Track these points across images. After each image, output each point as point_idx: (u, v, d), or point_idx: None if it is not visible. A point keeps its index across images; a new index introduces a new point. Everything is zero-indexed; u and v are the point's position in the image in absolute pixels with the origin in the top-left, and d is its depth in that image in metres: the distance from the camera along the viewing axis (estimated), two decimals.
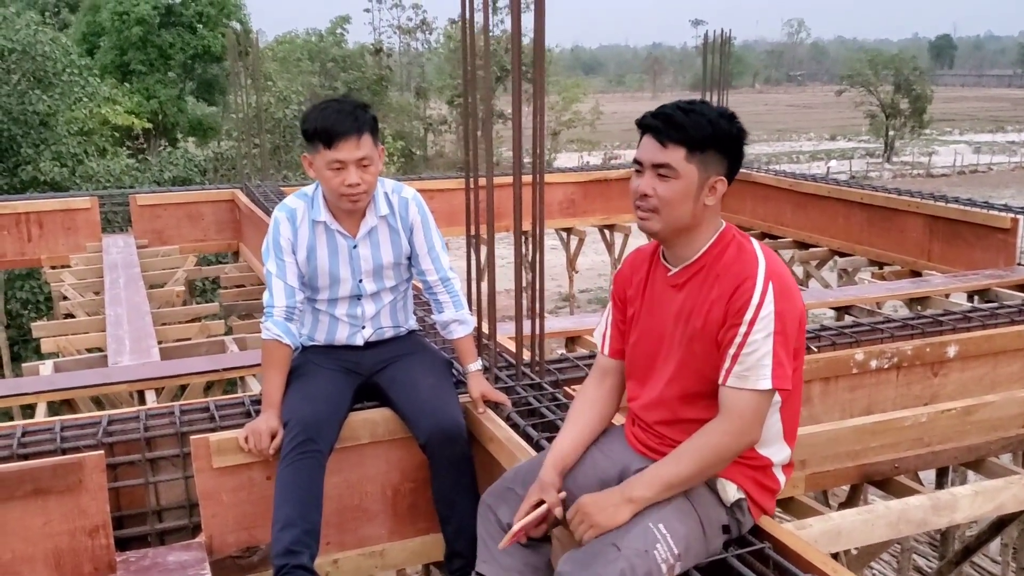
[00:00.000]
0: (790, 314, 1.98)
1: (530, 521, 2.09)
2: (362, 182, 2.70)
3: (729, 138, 2.04)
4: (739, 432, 1.98)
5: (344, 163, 2.66)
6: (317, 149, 2.68)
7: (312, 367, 2.87)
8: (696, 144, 2.01)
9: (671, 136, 2.02)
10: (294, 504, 2.57)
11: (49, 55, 14.47)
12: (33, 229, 7.90)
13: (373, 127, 2.73)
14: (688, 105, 2.05)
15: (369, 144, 2.70)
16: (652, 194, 2.04)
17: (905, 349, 3.88)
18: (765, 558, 2.10)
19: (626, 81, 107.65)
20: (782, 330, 1.96)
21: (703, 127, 2.01)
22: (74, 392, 4.00)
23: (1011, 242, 6.15)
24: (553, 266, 13.98)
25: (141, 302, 5.77)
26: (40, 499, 2.50)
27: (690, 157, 2.01)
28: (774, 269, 2.01)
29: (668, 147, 2.02)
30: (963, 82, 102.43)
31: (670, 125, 2.02)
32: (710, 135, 2.01)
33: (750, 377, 1.96)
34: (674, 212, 2.04)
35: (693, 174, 2.02)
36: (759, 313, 1.95)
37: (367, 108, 2.75)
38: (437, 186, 8.57)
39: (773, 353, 1.95)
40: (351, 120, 2.65)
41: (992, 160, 40.93)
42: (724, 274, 2.03)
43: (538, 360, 3.33)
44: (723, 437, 1.99)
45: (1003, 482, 3.18)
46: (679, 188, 2.02)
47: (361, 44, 30.41)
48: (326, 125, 2.64)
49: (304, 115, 2.76)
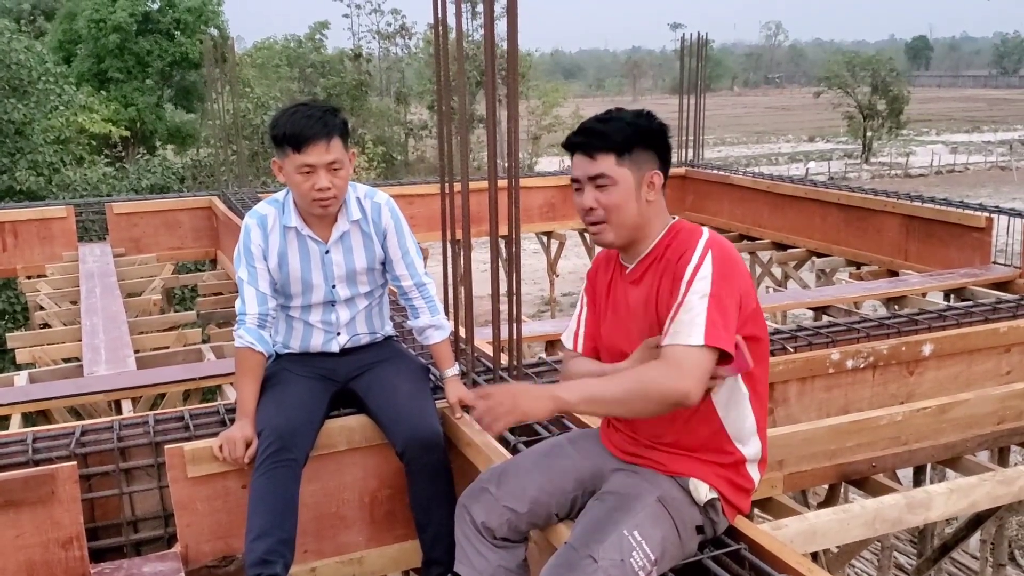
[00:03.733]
0: (727, 281, 1.98)
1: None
2: (332, 186, 2.68)
3: (651, 133, 2.11)
4: (671, 375, 1.93)
5: (314, 167, 2.64)
6: (286, 153, 2.66)
7: (287, 375, 2.85)
8: (622, 147, 2.08)
9: (596, 147, 2.10)
10: (268, 513, 2.55)
11: (24, 63, 14.35)
12: (8, 239, 7.82)
13: (343, 131, 2.71)
14: (605, 115, 2.15)
15: (339, 148, 2.68)
16: (596, 206, 2.11)
17: (881, 348, 3.91)
18: (741, 559, 2.11)
19: (606, 85, 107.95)
20: (718, 294, 1.96)
21: (623, 130, 2.09)
22: (49, 403, 3.96)
23: (986, 241, 6.23)
24: (535, 270, 14.00)
25: (118, 311, 5.72)
26: (12, 511, 2.47)
27: (620, 161, 2.09)
28: (716, 240, 2.05)
29: (597, 158, 2.10)
30: (939, 83, 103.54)
31: (593, 137, 2.11)
32: (631, 135, 2.09)
33: (681, 333, 1.95)
34: (621, 216, 2.10)
35: (627, 176, 2.09)
36: (695, 276, 1.98)
37: (337, 112, 2.73)
38: (417, 191, 8.56)
39: (707, 313, 1.94)
40: (320, 124, 2.63)
41: (969, 160, 41.36)
42: (671, 256, 2.08)
43: (516, 364, 3.33)
44: (655, 373, 1.95)
45: (977, 479, 3.21)
46: (619, 192, 2.09)
47: (340, 49, 30.34)
48: (295, 129, 2.62)
49: (273, 119, 2.73)
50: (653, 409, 1.98)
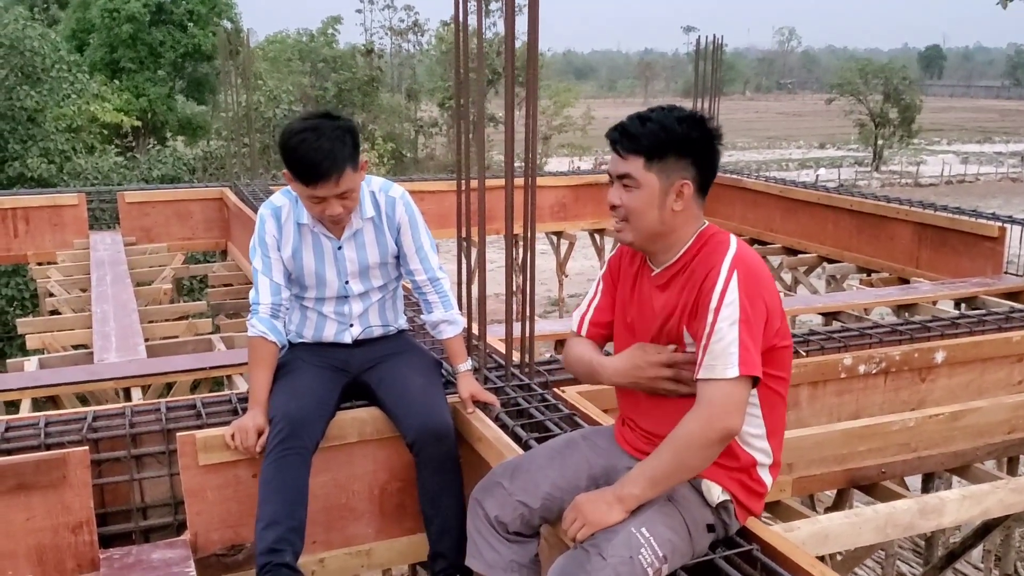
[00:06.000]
0: (756, 301, 1.98)
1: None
2: (344, 209, 2.67)
3: (688, 141, 2.04)
4: (710, 420, 1.95)
5: (324, 198, 2.62)
6: (295, 179, 2.62)
7: (299, 364, 2.85)
8: (652, 152, 2.04)
9: (627, 147, 2.06)
10: (278, 502, 2.55)
11: (38, 51, 14.38)
12: (20, 225, 7.85)
13: (354, 156, 2.61)
14: (648, 113, 2.08)
15: (350, 178, 2.61)
16: (620, 204, 2.10)
17: (893, 354, 3.90)
18: (753, 560, 2.10)
19: (618, 87, 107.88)
20: (747, 317, 1.96)
21: (656, 135, 2.03)
22: (59, 389, 3.97)
23: (999, 250, 6.19)
24: (543, 270, 13.98)
25: (128, 299, 5.73)
26: (23, 494, 2.47)
27: (648, 165, 2.05)
28: (741, 257, 2.02)
29: (627, 158, 2.07)
30: (952, 92, 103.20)
31: (626, 136, 2.07)
32: (664, 141, 2.03)
33: (717, 366, 1.96)
34: (642, 220, 2.08)
35: (654, 182, 2.05)
36: (723, 300, 1.96)
37: (347, 134, 2.60)
38: (428, 187, 8.56)
39: (739, 340, 1.94)
40: (330, 161, 2.54)
41: (979, 170, 41.22)
42: (698, 268, 2.06)
43: (527, 361, 3.33)
44: (695, 427, 1.97)
45: (989, 487, 3.19)
46: (642, 197, 2.06)
47: (352, 45, 30.37)
48: (304, 164, 2.55)
49: (282, 137, 2.61)
50: (709, 454, 2.00)
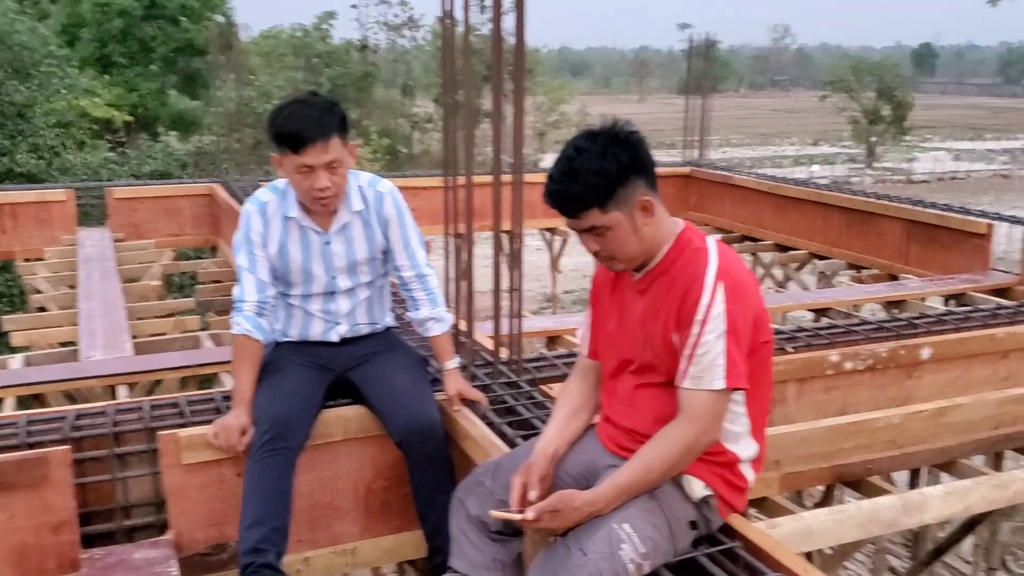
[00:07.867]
0: (742, 312, 1.99)
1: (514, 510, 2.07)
2: (331, 184, 2.66)
3: (623, 168, 2.00)
4: (696, 433, 1.99)
5: (312, 167, 2.62)
6: (284, 152, 2.63)
7: (284, 363, 2.84)
8: (601, 199, 2.00)
9: (576, 209, 2.03)
10: (262, 502, 2.54)
11: (27, 45, 14.28)
12: (7, 221, 7.78)
13: (341, 127, 2.66)
14: (571, 164, 2.00)
15: (337, 146, 2.64)
16: (599, 248, 2.08)
17: (880, 351, 3.90)
18: (735, 557, 2.10)
19: (613, 83, 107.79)
20: (734, 329, 1.97)
21: (595, 185, 1.98)
22: (44, 387, 3.95)
23: (986, 247, 6.21)
24: (537, 267, 13.96)
25: (116, 296, 5.70)
26: (4, 494, 2.46)
27: (604, 209, 2.01)
28: (725, 268, 2.01)
29: (581, 216, 2.03)
30: (944, 90, 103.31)
31: (568, 202, 2.02)
32: (605, 185, 1.99)
33: (704, 378, 1.98)
34: (627, 251, 2.08)
35: (618, 218, 2.03)
36: (709, 313, 1.97)
37: (334, 107, 2.68)
38: (421, 184, 8.51)
39: (726, 352, 1.96)
40: (317, 126, 2.58)
41: (971, 167, 41.31)
42: (679, 276, 2.05)
43: (515, 359, 3.32)
44: (681, 438, 2.00)
45: (972, 483, 3.20)
46: (617, 236, 2.05)
47: (347, 40, 30.20)
48: (292, 130, 2.59)
49: (271, 115, 2.68)
50: (690, 461, 2.04)
